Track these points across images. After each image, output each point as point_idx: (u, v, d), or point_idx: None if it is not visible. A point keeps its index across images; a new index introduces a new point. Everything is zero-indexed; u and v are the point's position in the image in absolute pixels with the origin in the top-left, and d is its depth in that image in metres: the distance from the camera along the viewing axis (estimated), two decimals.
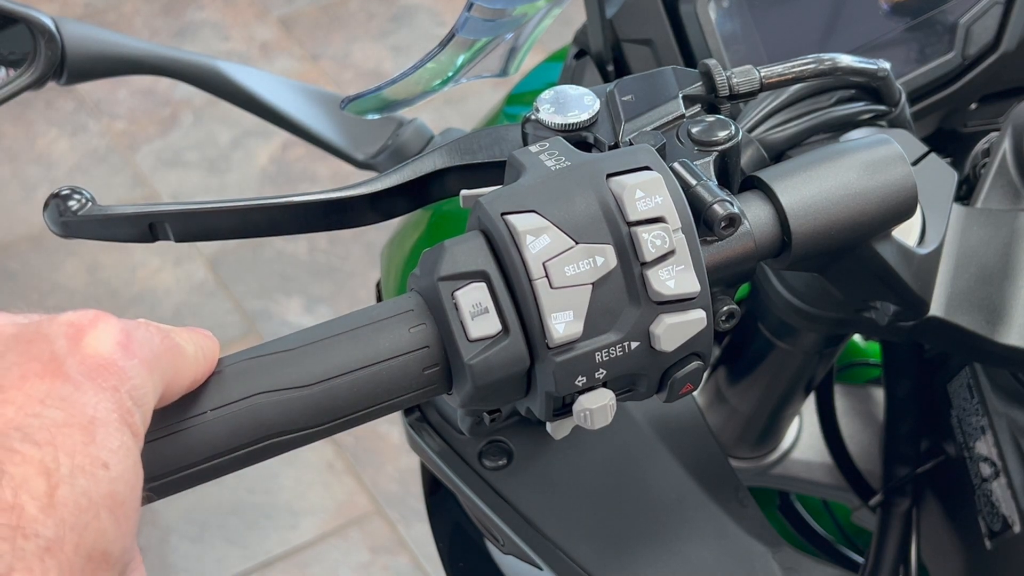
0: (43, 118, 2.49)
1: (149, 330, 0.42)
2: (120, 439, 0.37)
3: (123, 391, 0.38)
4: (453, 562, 0.88)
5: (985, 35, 0.79)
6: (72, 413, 0.37)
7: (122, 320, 0.41)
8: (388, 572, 1.88)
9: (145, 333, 0.41)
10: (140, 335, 0.41)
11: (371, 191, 0.58)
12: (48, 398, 0.36)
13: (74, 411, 0.37)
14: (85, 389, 0.37)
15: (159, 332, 0.42)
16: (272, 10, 2.75)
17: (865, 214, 0.55)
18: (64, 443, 0.36)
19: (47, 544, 0.34)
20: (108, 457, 0.37)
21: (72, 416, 0.36)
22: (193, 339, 0.44)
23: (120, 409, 0.38)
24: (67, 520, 0.35)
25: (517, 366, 0.49)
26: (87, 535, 0.35)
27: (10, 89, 0.75)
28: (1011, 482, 0.70)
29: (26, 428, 0.35)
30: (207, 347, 0.45)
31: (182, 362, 0.43)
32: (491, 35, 0.68)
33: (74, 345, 0.38)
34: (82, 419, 0.37)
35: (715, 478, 0.67)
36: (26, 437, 0.35)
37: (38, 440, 0.35)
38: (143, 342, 0.40)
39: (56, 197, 0.57)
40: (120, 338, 0.40)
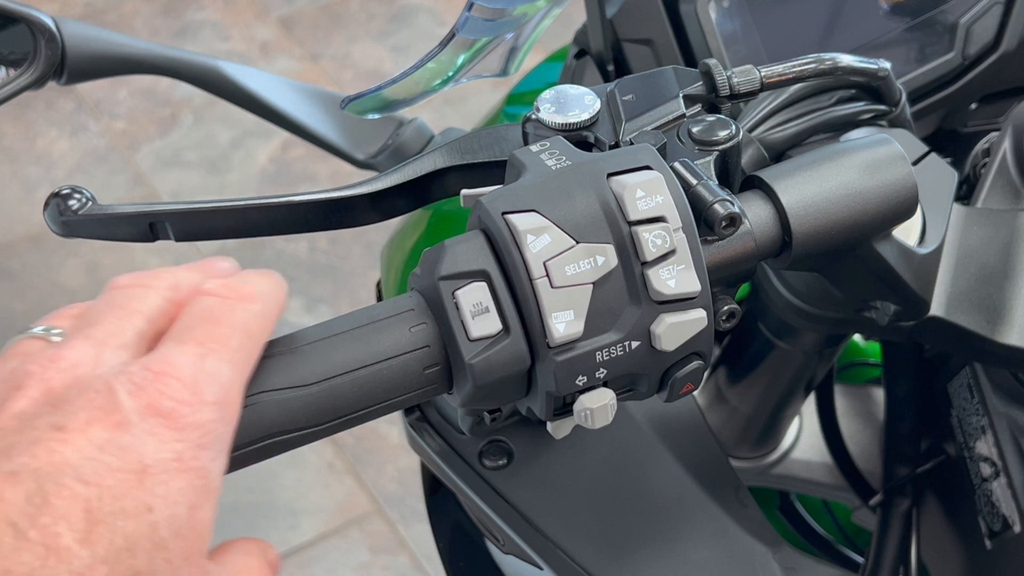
0: (43, 118, 2.49)
1: (215, 359, 0.42)
2: (169, 485, 0.39)
3: (188, 440, 0.40)
4: (453, 562, 0.88)
5: (985, 35, 0.79)
6: (126, 461, 0.39)
7: (187, 361, 0.42)
8: (388, 572, 1.88)
9: (213, 367, 0.42)
10: (207, 376, 0.42)
11: (371, 191, 0.58)
12: (107, 445, 0.39)
13: (129, 459, 0.39)
14: (144, 440, 0.39)
15: (227, 354, 0.43)
16: (272, 10, 2.75)
17: (865, 214, 0.55)
18: (112, 487, 0.38)
19: (80, 569, 0.37)
20: (153, 502, 0.39)
21: (126, 463, 0.39)
22: (262, 293, 0.46)
23: (178, 458, 0.40)
24: (99, 553, 0.37)
25: (518, 365, 0.49)
26: (119, 568, 0.37)
27: (10, 89, 0.75)
28: (1011, 482, 0.70)
29: (79, 469, 0.38)
30: (274, 300, 0.47)
31: (257, 341, 0.45)
32: (491, 35, 0.68)
33: (140, 396, 0.40)
34: (136, 466, 0.39)
35: (715, 478, 0.67)
36: (78, 477, 0.38)
37: (87, 480, 0.38)
38: (211, 383, 0.42)
39: (56, 196, 0.57)
40: (184, 395, 0.41)
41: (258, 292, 0.46)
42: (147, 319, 0.44)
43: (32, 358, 0.42)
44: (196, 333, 0.43)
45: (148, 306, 0.45)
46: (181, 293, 0.46)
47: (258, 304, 0.46)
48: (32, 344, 0.44)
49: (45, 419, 0.39)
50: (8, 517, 0.37)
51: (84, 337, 0.43)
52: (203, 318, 0.44)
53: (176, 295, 0.46)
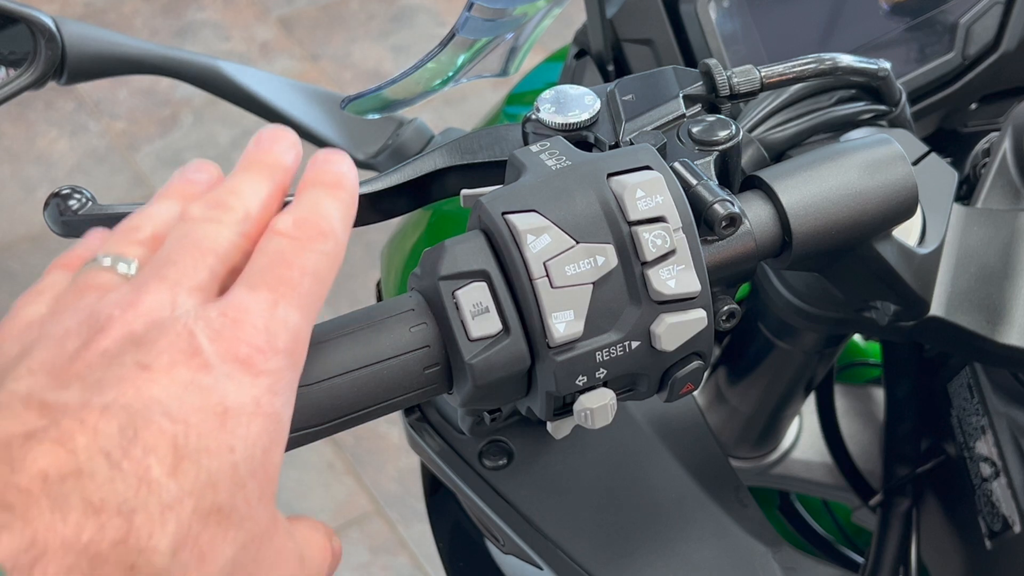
0: (43, 118, 2.49)
1: (286, 305, 0.44)
2: (249, 427, 0.41)
3: (263, 386, 0.42)
4: (453, 562, 0.88)
5: (985, 35, 0.79)
6: (209, 401, 0.40)
7: (261, 308, 0.43)
8: (388, 572, 1.88)
9: (284, 314, 0.43)
10: (279, 323, 0.43)
11: (371, 191, 0.58)
12: (191, 385, 0.40)
13: (211, 400, 0.40)
14: (223, 382, 0.41)
15: (297, 299, 0.44)
16: (272, 10, 2.75)
17: (865, 214, 0.55)
18: (196, 424, 0.40)
19: (168, 501, 0.38)
20: (234, 443, 0.40)
21: (208, 404, 0.40)
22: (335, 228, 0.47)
23: (256, 403, 0.41)
24: (186, 487, 0.39)
25: (518, 365, 0.49)
26: (204, 502, 0.39)
27: (10, 89, 0.75)
28: (1011, 482, 0.70)
29: (167, 405, 0.39)
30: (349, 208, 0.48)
31: (326, 281, 0.46)
32: (491, 35, 0.68)
33: (219, 342, 0.42)
34: (218, 408, 0.40)
35: (715, 478, 0.67)
36: (165, 413, 0.39)
37: (175, 417, 0.39)
38: (282, 331, 0.43)
39: (56, 196, 0.57)
40: (259, 342, 0.42)
41: (331, 227, 0.47)
42: (220, 258, 0.45)
43: (109, 299, 0.43)
44: (268, 278, 0.44)
45: (221, 244, 0.45)
46: (252, 226, 0.46)
47: (330, 243, 0.46)
48: (103, 276, 0.45)
49: (130, 357, 0.41)
50: (103, 448, 0.38)
51: (160, 279, 0.43)
52: (275, 261, 0.45)
53: (248, 228, 0.46)
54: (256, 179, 0.48)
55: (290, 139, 0.50)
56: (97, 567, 0.37)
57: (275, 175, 0.48)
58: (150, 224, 0.47)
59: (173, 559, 0.38)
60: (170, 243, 0.45)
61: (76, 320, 0.42)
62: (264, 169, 0.48)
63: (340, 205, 0.48)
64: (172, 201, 0.48)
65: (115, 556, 0.37)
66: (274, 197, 0.48)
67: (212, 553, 0.39)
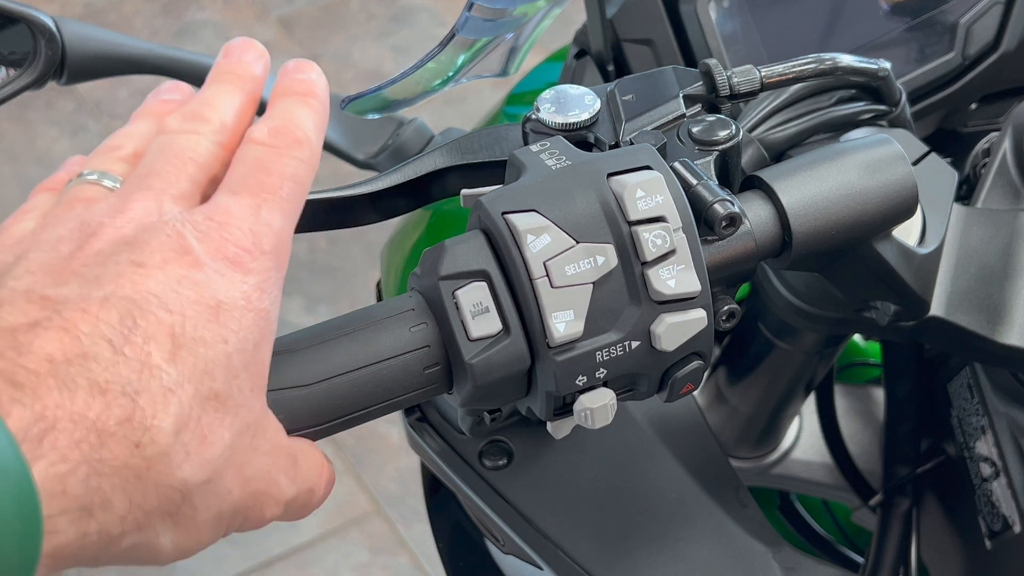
0: (43, 118, 2.49)
1: (268, 209, 0.46)
2: (241, 322, 0.43)
3: (251, 283, 0.44)
4: (453, 562, 0.88)
5: (985, 35, 0.79)
6: (202, 295, 0.42)
7: (244, 211, 0.45)
8: (388, 572, 1.88)
9: (267, 216, 0.45)
10: (263, 226, 0.45)
11: (371, 191, 0.58)
12: (185, 279, 0.42)
13: (204, 293, 0.42)
14: (215, 278, 0.43)
15: (279, 203, 0.46)
16: (272, 10, 2.75)
17: (865, 214, 0.55)
18: (191, 316, 0.42)
19: (169, 385, 0.40)
20: (228, 335, 0.42)
21: (202, 297, 0.42)
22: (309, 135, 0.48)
23: (246, 298, 0.43)
24: (185, 373, 0.41)
25: (518, 365, 0.49)
26: (202, 388, 0.41)
27: (10, 89, 0.74)
28: (1011, 482, 0.70)
29: (163, 297, 0.41)
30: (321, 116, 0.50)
31: (304, 185, 0.48)
32: (491, 35, 0.68)
33: (207, 242, 0.44)
34: (210, 301, 0.42)
35: (715, 478, 0.67)
36: (161, 304, 0.41)
37: (171, 308, 0.41)
38: (267, 232, 0.45)
39: None
40: (246, 243, 0.44)
41: (306, 135, 0.48)
42: (200, 167, 0.47)
43: (97, 207, 0.45)
44: (249, 184, 0.46)
45: (200, 153, 0.47)
46: (229, 136, 0.49)
47: (306, 149, 0.48)
48: (89, 190, 0.47)
49: (125, 256, 0.42)
50: (104, 335, 0.40)
51: (144, 188, 0.45)
52: (254, 168, 0.47)
53: (224, 138, 0.48)
54: (228, 90, 0.50)
55: (258, 49, 0.52)
56: (105, 442, 0.39)
57: (246, 85, 0.50)
58: (130, 142, 0.49)
59: (176, 438, 0.40)
60: (151, 155, 0.47)
61: (68, 228, 0.44)
62: (235, 80, 0.50)
63: (312, 113, 0.49)
64: (149, 120, 0.50)
65: (121, 432, 0.39)
66: (247, 107, 0.50)
67: (211, 436, 0.41)
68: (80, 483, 0.38)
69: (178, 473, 0.41)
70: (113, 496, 0.39)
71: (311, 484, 0.48)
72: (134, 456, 0.39)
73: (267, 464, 0.45)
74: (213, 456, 0.42)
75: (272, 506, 0.46)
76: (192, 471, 0.41)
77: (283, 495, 0.46)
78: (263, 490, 0.45)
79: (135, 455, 0.39)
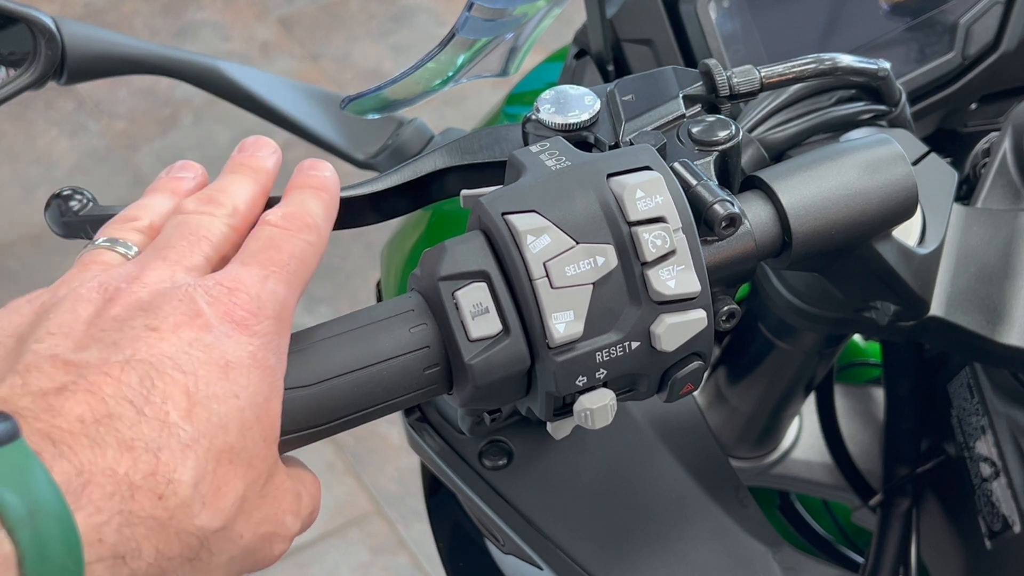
0: (43, 118, 2.49)
1: (275, 280, 0.48)
2: (249, 378, 0.45)
3: (257, 344, 0.46)
4: (453, 562, 0.88)
5: (985, 35, 0.79)
6: (212, 356, 0.45)
7: (253, 280, 0.48)
8: (388, 572, 1.88)
9: (272, 287, 0.48)
10: (268, 294, 0.48)
11: (371, 191, 0.58)
12: (196, 342, 0.45)
13: (214, 354, 0.45)
14: (223, 340, 0.46)
15: (285, 276, 0.49)
16: (272, 10, 2.75)
17: (865, 214, 0.55)
18: (203, 376, 0.44)
19: (187, 441, 0.43)
20: (238, 391, 0.45)
21: (212, 358, 0.45)
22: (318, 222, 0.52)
23: (252, 357, 0.46)
24: (200, 429, 0.44)
25: (518, 366, 0.49)
26: (217, 442, 0.44)
27: (10, 89, 0.74)
28: (1011, 482, 0.70)
29: (177, 359, 0.44)
30: (329, 207, 0.53)
31: (310, 266, 0.51)
32: (491, 35, 0.68)
33: (216, 306, 0.46)
34: (220, 361, 0.45)
35: (715, 478, 0.67)
36: (176, 366, 0.44)
37: (184, 370, 0.44)
38: (271, 300, 0.48)
39: (57, 197, 0.57)
40: (252, 307, 0.47)
41: (315, 222, 0.52)
42: (213, 245, 0.50)
43: (115, 272, 0.48)
44: (259, 258, 0.49)
45: (214, 233, 0.50)
46: (240, 220, 0.52)
47: (313, 235, 0.51)
48: (105, 255, 0.50)
49: (140, 321, 0.45)
50: (127, 396, 0.43)
51: (160, 259, 0.48)
52: (266, 245, 0.50)
53: (237, 222, 0.52)
54: (241, 180, 0.54)
55: (271, 146, 0.56)
56: (133, 495, 0.42)
57: (259, 177, 0.54)
58: (146, 214, 0.52)
59: (194, 490, 0.43)
60: (168, 230, 0.51)
61: (86, 288, 0.47)
62: (248, 171, 0.54)
63: (323, 204, 0.53)
64: (164, 195, 0.53)
65: (147, 486, 0.42)
66: (259, 196, 0.54)
67: (225, 486, 0.44)
68: (114, 532, 0.41)
69: (196, 522, 0.43)
70: (142, 545, 0.42)
71: (311, 510, 0.51)
72: (158, 507, 0.42)
73: (275, 508, 0.48)
74: (226, 505, 0.44)
75: (280, 543, 0.49)
76: (208, 519, 0.44)
77: (290, 532, 0.49)
78: (272, 532, 0.48)
79: (159, 506, 0.42)
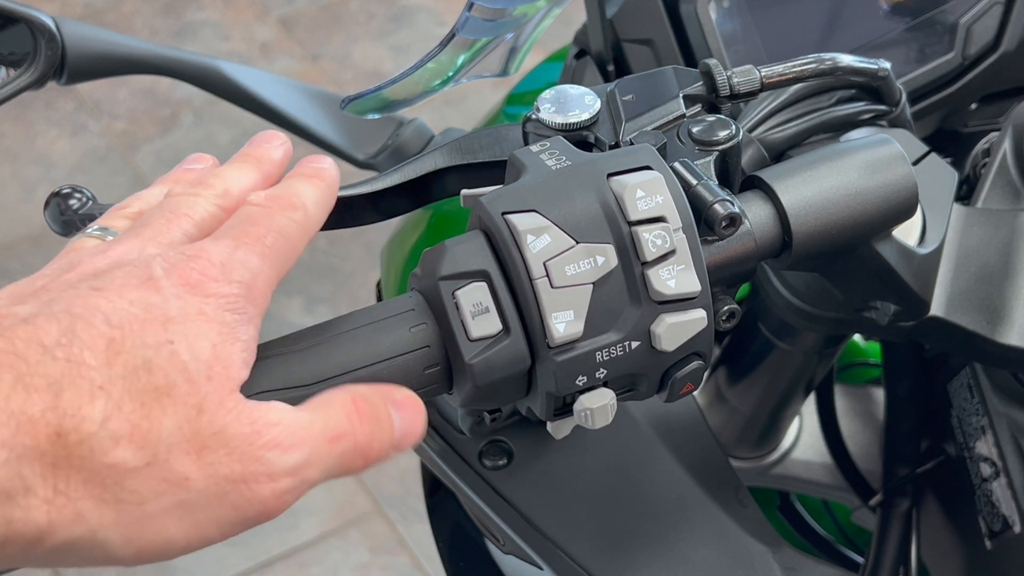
0: (43, 118, 2.49)
1: (247, 250, 0.46)
2: (189, 326, 0.43)
3: (212, 303, 0.44)
4: (453, 562, 0.88)
5: (985, 35, 0.79)
6: (152, 313, 0.43)
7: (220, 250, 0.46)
8: (388, 572, 1.88)
9: (243, 256, 0.46)
10: (236, 262, 0.46)
11: (371, 191, 0.58)
12: (137, 301, 0.43)
13: (154, 312, 0.43)
14: (171, 300, 0.44)
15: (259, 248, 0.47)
16: (272, 10, 2.75)
17: (865, 214, 0.55)
18: (136, 330, 0.43)
19: (100, 383, 0.42)
20: (174, 337, 0.43)
21: (151, 315, 0.43)
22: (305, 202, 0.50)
23: (200, 312, 0.44)
24: (118, 372, 0.42)
25: (518, 366, 0.49)
26: (139, 383, 0.42)
27: (10, 89, 0.75)
28: (1011, 482, 0.70)
29: (109, 315, 0.43)
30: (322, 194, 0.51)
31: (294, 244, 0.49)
32: (491, 35, 0.68)
33: (172, 272, 0.45)
34: (160, 317, 0.43)
35: (715, 478, 0.67)
36: (106, 320, 0.43)
37: (113, 324, 0.43)
38: (239, 267, 0.46)
39: (57, 196, 0.57)
40: (213, 272, 0.45)
41: (302, 202, 0.49)
42: (195, 223, 0.49)
43: (84, 250, 0.47)
44: (234, 231, 0.47)
45: (197, 211, 0.49)
46: (230, 200, 0.50)
47: (299, 212, 0.49)
48: (88, 241, 0.49)
49: (86, 283, 0.44)
50: (41, 341, 0.42)
51: (133, 235, 0.47)
52: (242, 220, 0.48)
53: (225, 202, 0.50)
54: (242, 166, 0.52)
55: (280, 138, 0.54)
56: (25, 428, 0.40)
57: (261, 165, 0.52)
58: (138, 203, 0.52)
59: (101, 427, 0.41)
60: (150, 211, 0.50)
61: (52, 267, 0.47)
62: (251, 160, 0.53)
63: (315, 188, 0.51)
64: (165, 185, 0.52)
65: (43, 420, 0.40)
66: (258, 183, 0.52)
67: (148, 423, 0.42)
68: (0, 466, 0.40)
69: (106, 459, 0.41)
70: (34, 482, 0.41)
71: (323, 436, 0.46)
72: (55, 444, 0.41)
73: (238, 446, 0.43)
74: (149, 441, 0.42)
75: (264, 482, 0.44)
76: (124, 456, 0.42)
77: (273, 468, 0.44)
78: (242, 471, 0.43)
79: (56, 443, 0.41)
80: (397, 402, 0.48)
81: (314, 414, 0.46)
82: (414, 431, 0.48)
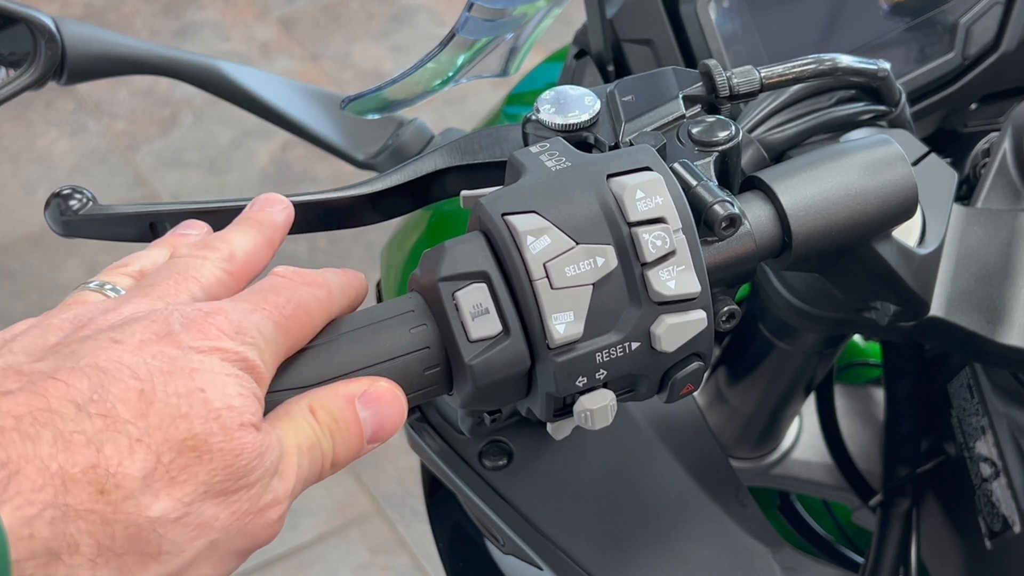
0: (43, 118, 2.49)
1: (263, 316, 0.47)
2: (216, 376, 0.44)
3: (230, 360, 0.45)
4: (453, 562, 0.88)
5: (985, 35, 0.79)
6: (175, 367, 0.43)
7: (238, 311, 0.46)
8: (388, 572, 1.88)
9: (259, 320, 0.46)
10: (251, 324, 0.46)
11: (371, 191, 0.58)
12: (159, 355, 0.44)
13: (178, 365, 0.43)
14: (191, 354, 0.44)
15: (276, 316, 0.47)
16: (272, 10, 2.75)
17: (865, 214, 0.55)
18: (163, 381, 0.43)
19: (137, 436, 0.42)
20: (204, 385, 0.43)
21: (175, 368, 0.43)
22: (330, 284, 0.50)
23: (222, 365, 0.44)
24: (155, 423, 0.42)
25: (518, 367, 0.49)
26: (176, 433, 0.42)
27: (10, 89, 0.75)
28: (1011, 482, 0.70)
29: (135, 368, 0.43)
30: (349, 286, 0.51)
31: (312, 318, 0.48)
32: (491, 35, 0.68)
33: (190, 327, 0.45)
34: (185, 369, 0.43)
35: (715, 478, 0.67)
36: (133, 374, 0.43)
37: (140, 377, 0.43)
38: (253, 330, 0.46)
39: (57, 196, 0.57)
40: (229, 331, 0.45)
41: (327, 282, 0.50)
42: (202, 286, 0.48)
43: (93, 306, 0.47)
44: (254, 296, 0.48)
45: (204, 274, 0.49)
46: (237, 265, 0.50)
47: (323, 291, 0.49)
48: (91, 296, 0.49)
49: (105, 335, 0.44)
50: (73, 399, 0.42)
51: (142, 295, 0.47)
52: (265, 288, 0.48)
53: (231, 266, 0.50)
54: (245, 230, 0.52)
55: (282, 202, 0.54)
56: (69, 488, 0.40)
57: (264, 229, 0.52)
58: (138, 262, 0.51)
59: (142, 483, 0.41)
60: (156, 272, 0.49)
61: (59, 319, 0.46)
62: (253, 223, 0.53)
63: (343, 279, 0.51)
64: (163, 248, 0.52)
65: (85, 479, 0.41)
66: (262, 246, 0.52)
67: (182, 475, 0.42)
68: (47, 526, 0.40)
69: (148, 514, 0.42)
70: (80, 540, 0.40)
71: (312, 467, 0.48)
72: (99, 501, 0.41)
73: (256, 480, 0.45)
74: (187, 491, 0.42)
75: (274, 508, 0.46)
76: (164, 508, 0.42)
77: (279, 496, 0.46)
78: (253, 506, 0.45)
79: (100, 500, 0.41)
80: (367, 397, 0.48)
81: (285, 426, 0.47)
82: (390, 422, 0.49)
